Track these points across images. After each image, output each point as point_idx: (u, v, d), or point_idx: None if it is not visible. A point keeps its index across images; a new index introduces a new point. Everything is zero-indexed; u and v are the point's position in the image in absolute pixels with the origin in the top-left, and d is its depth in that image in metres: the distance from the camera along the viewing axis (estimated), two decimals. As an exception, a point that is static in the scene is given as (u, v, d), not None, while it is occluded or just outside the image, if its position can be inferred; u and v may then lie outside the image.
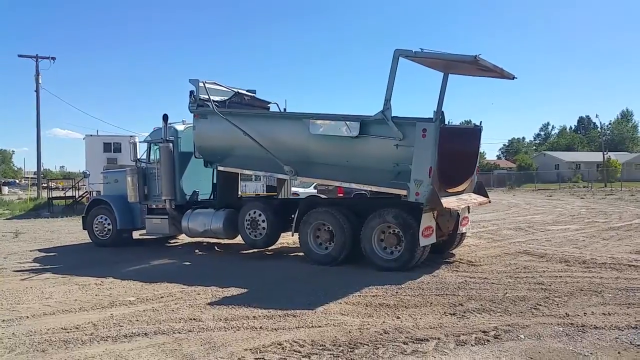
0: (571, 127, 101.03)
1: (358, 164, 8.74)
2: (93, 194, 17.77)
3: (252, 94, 11.99)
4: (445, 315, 5.80)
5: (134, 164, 11.93)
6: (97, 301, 6.82)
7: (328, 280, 7.86)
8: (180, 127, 11.54)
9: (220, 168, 10.67)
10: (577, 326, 5.28)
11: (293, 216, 9.75)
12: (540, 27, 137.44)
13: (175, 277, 8.22)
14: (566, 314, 5.72)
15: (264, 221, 10.22)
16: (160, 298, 6.92)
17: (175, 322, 5.72)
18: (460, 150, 9.00)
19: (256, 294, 7.05)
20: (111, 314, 6.10)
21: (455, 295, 6.71)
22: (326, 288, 7.23)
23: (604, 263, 8.60)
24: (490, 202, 10.05)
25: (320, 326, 5.47)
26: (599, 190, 39.82)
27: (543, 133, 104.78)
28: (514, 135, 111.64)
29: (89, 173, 16.08)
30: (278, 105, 11.92)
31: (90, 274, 8.69)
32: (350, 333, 5.21)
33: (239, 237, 10.79)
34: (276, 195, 12.29)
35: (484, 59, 7.46)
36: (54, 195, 27.63)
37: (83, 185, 27.25)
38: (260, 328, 5.44)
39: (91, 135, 27.39)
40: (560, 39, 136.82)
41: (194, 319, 5.82)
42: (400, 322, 5.56)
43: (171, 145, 11.19)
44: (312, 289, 7.23)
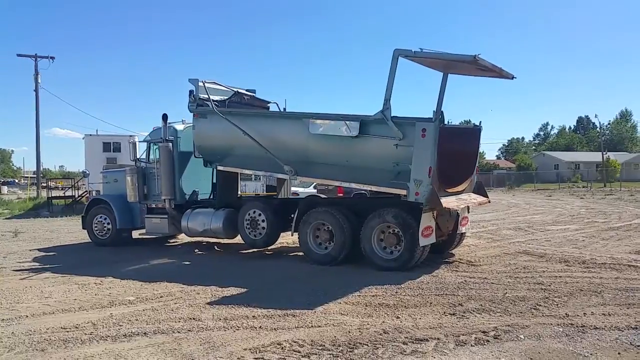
0: (570, 127, 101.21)
1: (358, 163, 8.74)
2: (92, 193, 17.78)
3: (252, 94, 11.99)
4: (445, 315, 5.79)
5: (133, 163, 11.95)
6: (97, 300, 6.82)
7: (328, 280, 7.86)
8: (179, 127, 11.55)
9: (220, 168, 10.66)
10: (577, 327, 5.27)
11: (293, 216, 9.75)
12: (540, 27, 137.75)
13: (174, 277, 8.22)
14: (566, 314, 5.72)
15: (263, 221, 10.22)
16: (160, 297, 6.91)
17: (175, 322, 5.72)
18: (459, 150, 9.00)
19: (256, 293, 7.05)
20: (110, 314, 6.10)
21: (454, 295, 6.71)
22: (326, 288, 7.23)
23: (603, 263, 8.60)
24: (489, 202, 10.05)
25: (319, 326, 5.47)
26: (598, 190, 39.82)
27: (542, 133, 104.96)
28: (513, 135, 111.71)
29: (88, 173, 16.07)
30: (278, 105, 11.93)
31: (89, 273, 8.69)
32: (349, 333, 5.21)
33: (239, 237, 10.79)
34: (276, 195, 12.28)
35: (484, 58, 7.47)
36: (53, 195, 27.62)
37: (82, 184, 27.26)
38: (260, 328, 5.44)
39: (91, 134, 27.36)
40: (560, 39, 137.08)
41: (194, 319, 5.82)
42: (400, 322, 5.55)
43: (171, 144, 11.20)
44: (312, 288, 7.22)
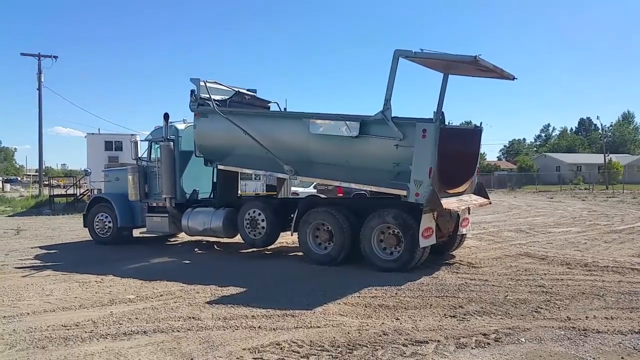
0: (572, 129, 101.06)
1: (358, 164, 8.72)
2: (94, 191, 17.79)
3: (253, 93, 12.00)
4: (445, 318, 5.77)
5: (135, 162, 11.96)
6: (97, 299, 6.82)
7: (327, 280, 7.84)
8: (181, 126, 11.56)
9: (221, 167, 10.66)
10: (579, 330, 5.23)
11: (292, 216, 9.74)
12: (542, 28, 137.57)
13: (174, 276, 8.21)
14: (568, 317, 5.69)
15: (263, 220, 10.21)
16: (160, 296, 6.91)
17: (175, 321, 5.71)
18: (460, 151, 8.98)
19: (255, 293, 7.04)
20: (111, 312, 6.10)
21: (455, 297, 6.68)
22: (325, 288, 7.21)
23: (606, 266, 8.55)
24: (490, 204, 10.01)
25: (319, 327, 5.46)
26: (600, 192, 39.71)
27: (544, 134, 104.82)
28: (514, 136, 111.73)
29: (90, 171, 16.06)
30: (278, 105, 11.95)
31: (90, 271, 8.69)
32: (349, 334, 5.19)
33: (239, 236, 10.79)
34: (276, 195, 12.27)
35: (484, 59, 7.44)
36: (55, 193, 27.62)
37: (84, 183, 27.27)
38: (259, 328, 5.43)
39: (93, 133, 27.40)
40: (561, 40, 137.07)
41: (193, 318, 5.82)
42: (400, 324, 5.53)
43: (172, 144, 11.21)
44: (311, 289, 7.21)
